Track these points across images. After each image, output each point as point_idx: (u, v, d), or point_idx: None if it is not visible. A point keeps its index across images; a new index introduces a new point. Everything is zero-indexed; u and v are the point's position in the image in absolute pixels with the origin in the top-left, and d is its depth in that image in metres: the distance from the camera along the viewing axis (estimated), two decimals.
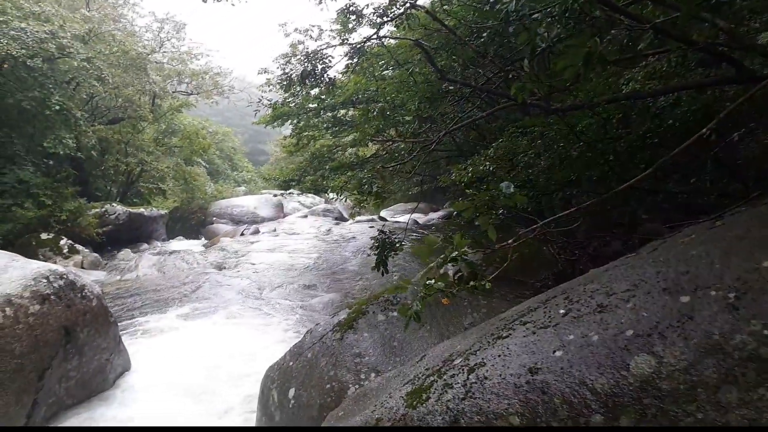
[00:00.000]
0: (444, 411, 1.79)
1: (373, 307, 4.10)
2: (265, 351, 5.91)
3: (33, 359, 3.90)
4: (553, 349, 1.72)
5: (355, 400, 2.90)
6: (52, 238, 11.92)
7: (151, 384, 5.01)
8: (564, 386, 1.59)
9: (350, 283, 8.79)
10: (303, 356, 4.01)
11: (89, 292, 4.66)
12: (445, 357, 2.28)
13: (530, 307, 2.20)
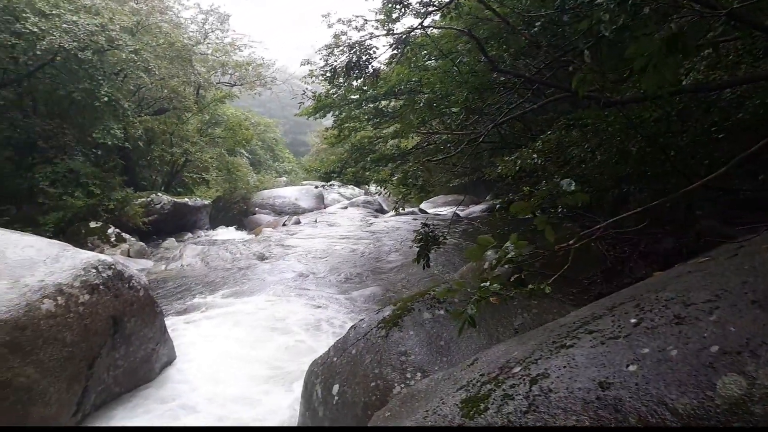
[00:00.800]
0: (505, 424, 1.69)
1: (418, 305, 4.02)
2: (307, 343, 5.90)
3: (83, 348, 3.96)
4: (626, 363, 1.59)
5: (402, 401, 2.83)
6: (100, 226, 12.24)
7: (195, 374, 5.06)
8: (640, 404, 1.46)
9: (391, 277, 8.73)
10: (347, 352, 3.96)
11: (136, 283, 4.72)
12: (501, 363, 2.18)
13: (595, 314, 2.07)
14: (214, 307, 7.32)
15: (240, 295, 7.90)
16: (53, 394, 3.70)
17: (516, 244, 2.41)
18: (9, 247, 4.05)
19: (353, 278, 8.86)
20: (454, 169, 8.95)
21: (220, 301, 7.63)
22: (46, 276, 3.96)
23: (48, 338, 3.72)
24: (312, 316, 6.90)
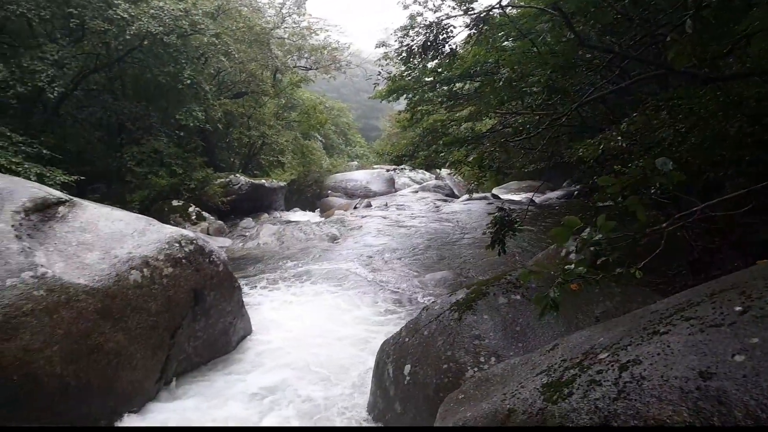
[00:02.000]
0: (592, 410, 1.61)
1: (494, 289, 3.93)
2: (378, 323, 5.94)
3: (166, 318, 4.14)
4: (732, 353, 1.47)
5: (477, 384, 2.77)
6: (182, 204, 12.81)
7: (270, 349, 5.20)
8: (748, 398, 1.35)
9: (463, 262, 8.62)
10: (419, 333, 3.94)
11: (216, 258, 4.88)
12: (585, 349, 2.08)
13: (691, 301, 1.93)
14: (288, 285, 7.49)
15: (313, 275, 8.05)
16: (139, 360, 3.89)
17: (603, 225, 2.29)
18: (101, 219, 4.28)
19: (424, 262, 8.82)
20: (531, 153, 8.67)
21: (294, 279, 7.81)
22: (134, 248, 4.16)
23: (135, 307, 3.91)
24: (382, 297, 6.93)
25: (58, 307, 3.45)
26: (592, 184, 5.82)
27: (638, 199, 2.24)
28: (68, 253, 3.81)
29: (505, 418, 1.96)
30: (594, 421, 1.58)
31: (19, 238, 3.59)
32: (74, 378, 3.45)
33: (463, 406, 2.58)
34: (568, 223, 2.37)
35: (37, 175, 8.22)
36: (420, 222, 12.26)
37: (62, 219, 4.05)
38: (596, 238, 2.34)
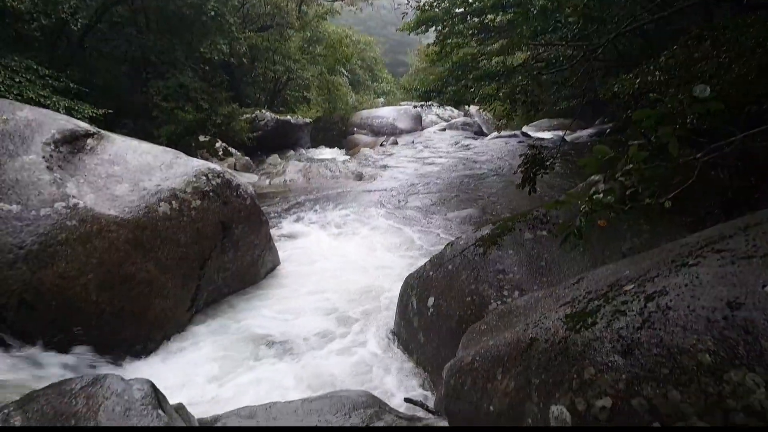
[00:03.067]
0: (615, 339, 1.60)
1: (519, 225, 3.90)
2: (403, 257, 6.00)
3: (195, 249, 4.23)
4: (762, 284, 1.44)
5: (500, 315, 2.79)
6: (208, 140, 12.86)
7: (298, 280, 5.32)
8: None
9: (489, 200, 8.57)
10: (443, 267, 3.96)
11: (243, 192, 4.92)
12: (611, 282, 2.06)
13: (723, 234, 1.88)
14: (314, 220, 7.57)
15: (339, 211, 8.10)
16: (170, 289, 4.01)
17: (635, 155, 2.22)
18: (129, 152, 4.32)
19: (450, 200, 8.79)
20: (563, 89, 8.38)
21: (320, 215, 7.88)
22: (162, 181, 4.21)
23: (165, 238, 4.00)
24: (407, 233, 6.97)
25: (91, 237, 3.54)
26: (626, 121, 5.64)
27: (672, 130, 2.16)
28: (98, 185, 3.88)
29: (527, 347, 1.97)
30: (616, 349, 1.58)
31: (50, 169, 3.66)
32: (109, 305, 3.58)
33: (485, 336, 2.62)
34: (597, 152, 2.31)
35: (65, 109, 8.28)
36: (447, 160, 12.15)
37: (91, 151, 4.10)
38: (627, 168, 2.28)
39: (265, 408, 2.92)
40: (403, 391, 3.62)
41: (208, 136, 13.01)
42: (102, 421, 1.80)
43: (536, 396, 1.79)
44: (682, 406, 1.40)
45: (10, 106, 4.02)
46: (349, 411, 2.91)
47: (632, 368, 1.52)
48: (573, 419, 1.61)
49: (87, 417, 1.81)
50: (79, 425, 1.78)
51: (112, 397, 1.89)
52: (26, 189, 3.44)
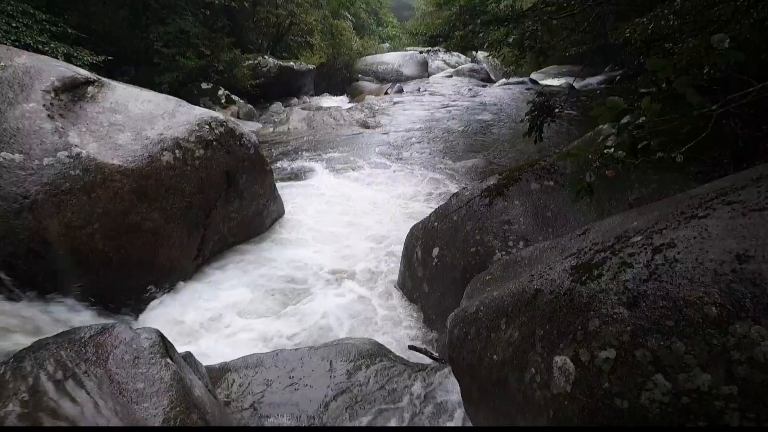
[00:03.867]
0: (620, 291, 1.60)
1: (526, 175, 3.86)
2: (407, 209, 5.99)
3: (200, 199, 4.22)
4: None
5: (504, 266, 2.80)
6: (210, 88, 12.67)
7: (303, 229, 5.34)
8: None
9: (496, 150, 8.49)
10: (448, 218, 3.95)
11: (247, 141, 4.87)
12: (617, 233, 2.04)
13: (734, 185, 1.85)
14: (319, 170, 7.53)
15: (344, 160, 8.05)
16: (176, 239, 4.03)
17: (648, 108, 2.16)
18: (130, 100, 4.25)
19: (456, 149, 8.71)
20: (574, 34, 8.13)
21: (325, 164, 7.83)
22: (165, 130, 4.16)
23: (169, 188, 3.98)
24: (412, 183, 6.94)
25: (95, 186, 3.53)
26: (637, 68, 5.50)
27: (689, 80, 2.09)
28: (100, 134, 3.83)
29: (532, 298, 1.98)
30: (622, 301, 1.58)
31: (51, 117, 3.61)
32: (116, 253, 3.61)
33: (489, 287, 2.63)
34: (611, 104, 2.25)
35: (64, 55, 8.13)
36: (453, 108, 11.96)
37: (92, 99, 4.04)
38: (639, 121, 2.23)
39: (272, 355, 2.98)
40: (407, 339, 3.68)
41: (210, 83, 12.81)
42: (111, 368, 1.84)
43: (540, 346, 1.80)
44: (686, 358, 1.41)
45: (8, 52, 3.93)
46: (355, 358, 2.97)
47: (637, 320, 1.52)
48: (576, 369, 1.62)
49: (97, 365, 1.84)
50: (89, 372, 1.81)
51: (120, 345, 1.92)
52: (28, 138, 3.41)
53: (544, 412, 1.72)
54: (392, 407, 2.57)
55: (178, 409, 1.78)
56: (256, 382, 2.70)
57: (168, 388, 1.83)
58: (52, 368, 1.80)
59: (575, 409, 1.61)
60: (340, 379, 2.77)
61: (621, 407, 1.51)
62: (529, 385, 1.81)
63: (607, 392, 1.54)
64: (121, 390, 1.78)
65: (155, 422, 1.72)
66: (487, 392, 2.13)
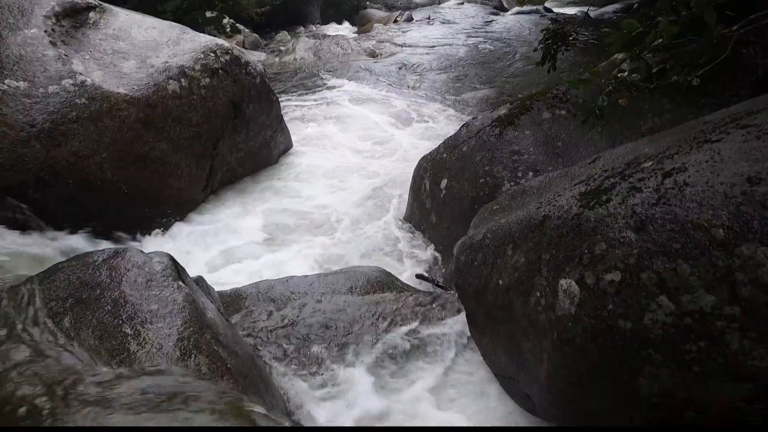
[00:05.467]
0: (629, 215, 1.60)
1: (538, 104, 3.79)
2: (418, 139, 5.95)
3: (207, 129, 4.19)
4: None
5: (512, 195, 2.79)
6: (215, 16, 12.31)
7: (311, 162, 5.31)
8: None
9: (508, 81, 8.30)
10: (457, 149, 3.91)
11: (253, 70, 4.79)
12: (628, 159, 2.02)
13: (749, 110, 1.81)
14: (327, 100, 7.42)
15: (352, 91, 7.92)
16: (184, 169, 4.04)
17: (666, 29, 2.09)
18: (133, 27, 4.16)
19: (467, 80, 8.52)
20: None
21: (332, 95, 7.71)
22: (170, 58, 4.09)
23: (176, 118, 3.96)
24: (423, 114, 6.84)
25: (102, 115, 3.51)
26: None
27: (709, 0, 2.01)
28: (104, 62, 3.78)
29: (539, 224, 1.98)
30: (629, 225, 1.58)
31: (54, 44, 3.55)
32: (125, 183, 3.63)
33: (497, 216, 2.63)
34: (626, 27, 2.18)
35: None
36: (465, 37, 11.61)
37: (94, 26, 3.95)
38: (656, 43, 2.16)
39: (282, 281, 3.04)
40: (415, 269, 3.73)
41: (215, 12, 12.44)
42: (125, 290, 1.88)
43: (546, 270, 1.82)
44: (691, 279, 1.42)
45: None
46: (363, 284, 3.02)
47: (644, 243, 1.52)
48: (581, 292, 1.64)
49: (111, 287, 1.89)
50: (103, 295, 1.86)
51: (133, 269, 1.95)
52: (31, 65, 3.36)
53: (548, 334, 1.76)
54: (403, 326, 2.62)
55: (191, 329, 1.83)
56: (268, 306, 2.76)
57: (181, 309, 1.87)
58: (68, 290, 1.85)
59: (579, 330, 1.64)
60: (353, 305, 2.83)
61: (624, 328, 1.54)
62: (534, 308, 1.85)
63: (611, 314, 1.56)
64: (135, 311, 1.83)
65: (169, 342, 1.78)
66: (492, 316, 2.17)
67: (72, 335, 1.74)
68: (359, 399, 2.24)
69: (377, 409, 2.20)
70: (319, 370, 2.38)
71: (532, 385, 1.93)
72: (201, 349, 1.79)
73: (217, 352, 1.82)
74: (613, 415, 1.71)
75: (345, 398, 2.26)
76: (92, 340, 1.74)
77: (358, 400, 2.24)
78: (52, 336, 1.73)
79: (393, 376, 2.38)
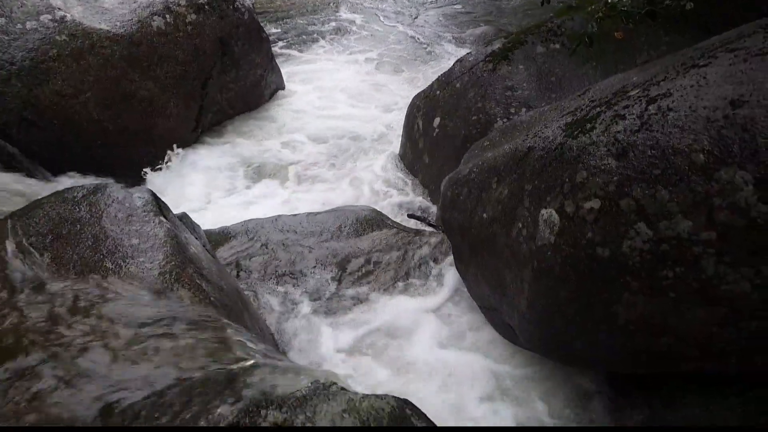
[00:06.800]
0: (611, 142, 1.57)
1: (532, 38, 3.67)
2: (410, 77, 5.83)
3: (195, 67, 4.10)
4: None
5: (503, 131, 2.75)
6: None
7: (303, 103, 5.21)
8: None
9: (507, 19, 8.06)
10: (451, 86, 3.83)
11: (240, 5, 4.63)
12: (616, 89, 1.97)
13: (741, 33, 1.74)
14: (319, 40, 7.22)
15: (346, 30, 7.68)
16: (173, 109, 3.97)
17: None
18: None
19: (466, 17, 8.28)
20: None
21: (325, 34, 7.49)
22: None
23: (162, 55, 3.86)
24: (418, 51, 6.69)
25: (84, 53, 3.42)
26: None
27: None
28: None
29: (524, 156, 1.95)
30: (611, 152, 1.55)
31: None
32: (112, 123, 3.58)
33: (486, 152, 2.60)
34: None
35: None
36: None
37: None
38: None
39: (271, 220, 3.03)
40: (406, 208, 3.72)
41: None
42: (106, 226, 1.87)
43: (528, 201, 1.81)
44: (669, 205, 1.41)
45: None
46: (353, 223, 3.02)
47: (624, 170, 1.50)
48: (561, 221, 1.63)
49: (91, 223, 1.87)
50: (84, 230, 1.85)
51: (113, 204, 1.94)
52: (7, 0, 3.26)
53: (528, 264, 1.76)
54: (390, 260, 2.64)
55: (173, 263, 1.83)
56: (257, 244, 2.77)
57: (163, 243, 1.87)
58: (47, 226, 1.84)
59: (558, 259, 1.64)
60: (341, 239, 2.84)
61: (602, 256, 1.54)
62: (516, 239, 1.84)
63: (589, 242, 1.56)
64: (116, 246, 1.83)
65: (151, 275, 1.78)
66: (476, 250, 2.17)
67: (53, 270, 1.75)
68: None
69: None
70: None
71: (514, 315, 1.95)
72: (183, 283, 1.80)
73: (200, 286, 1.83)
74: (591, 343, 1.73)
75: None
76: (73, 276, 1.74)
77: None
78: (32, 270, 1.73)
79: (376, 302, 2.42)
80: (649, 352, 1.63)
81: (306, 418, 0.78)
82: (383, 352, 2.24)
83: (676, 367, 1.66)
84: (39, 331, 1.40)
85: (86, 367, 1.26)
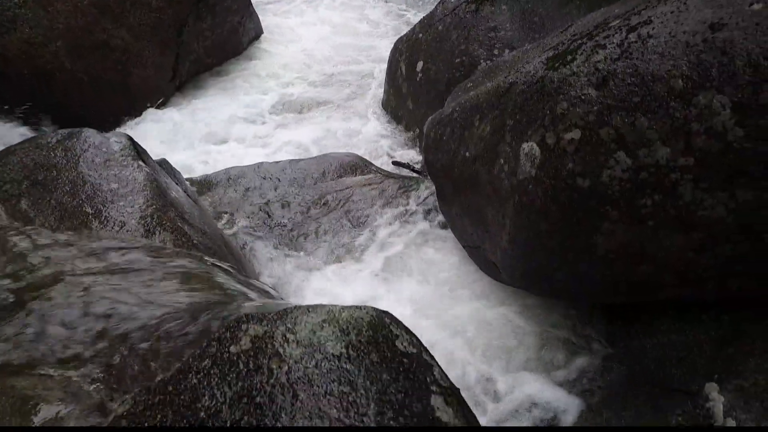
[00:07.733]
0: (591, 72, 1.55)
1: None
2: (395, 27, 5.71)
3: (169, 14, 3.96)
4: (750, 2, 1.34)
5: (486, 72, 2.72)
6: None
7: (283, 50, 5.09)
8: (753, 45, 1.26)
9: None
10: (433, 28, 3.76)
11: None
12: (598, 21, 1.94)
13: None
14: None
15: None
16: (148, 58, 3.86)
17: None
18: None
19: None
20: None
21: None
22: None
23: (134, 2, 3.73)
24: None
25: None
26: None
27: None
28: None
29: (505, 92, 1.94)
30: (591, 82, 1.54)
31: None
32: (85, 73, 3.49)
33: (468, 93, 2.57)
34: None
35: None
36: None
37: None
38: None
39: (253, 168, 3.01)
40: (391, 156, 3.70)
41: None
42: (83, 170, 1.85)
43: (509, 136, 1.80)
44: (648, 133, 1.41)
45: None
46: (336, 169, 3.01)
47: (604, 99, 1.50)
48: (542, 153, 1.63)
49: (68, 168, 1.85)
50: (60, 176, 1.82)
51: (90, 149, 1.91)
52: None
53: (510, 199, 1.77)
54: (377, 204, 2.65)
55: (154, 207, 1.82)
56: (240, 191, 2.76)
57: (143, 187, 1.85)
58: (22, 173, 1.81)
59: (539, 191, 1.65)
60: (324, 184, 2.83)
61: (582, 186, 1.55)
62: (498, 176, 1.84)
63: (570, 173, 1.56)
64: (95, 191, 1.81)
65: (132, 220, 1.77)
66: (459, 189, 2.17)
67: (31, 216, 1.73)
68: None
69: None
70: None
71: (496, 251, 1.97)
72: (165, 226, 1.79)
73: (182, 229, 1.82)
74: (572, 275, 1.76)
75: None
76: (53, 221, 1.73)
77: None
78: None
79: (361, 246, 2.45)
80: (628, 281, 1.66)
81: (286, 329, 0.80)
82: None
83: (655, 295, 1.70)
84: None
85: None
